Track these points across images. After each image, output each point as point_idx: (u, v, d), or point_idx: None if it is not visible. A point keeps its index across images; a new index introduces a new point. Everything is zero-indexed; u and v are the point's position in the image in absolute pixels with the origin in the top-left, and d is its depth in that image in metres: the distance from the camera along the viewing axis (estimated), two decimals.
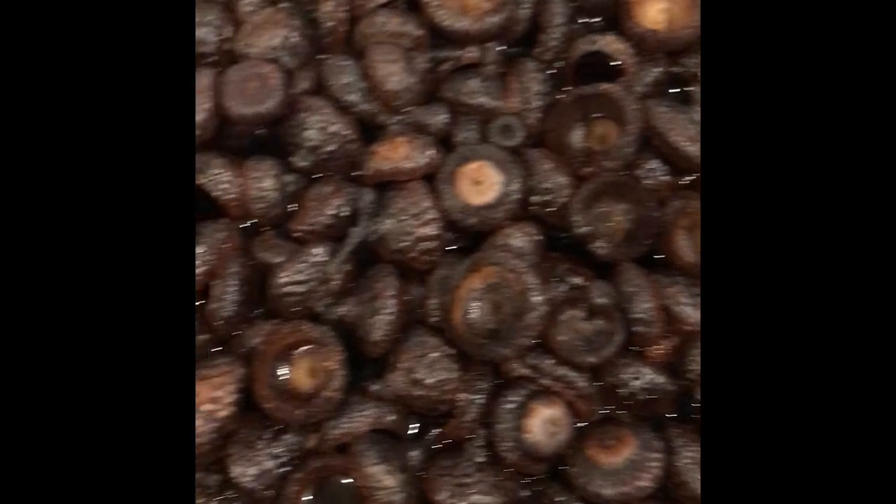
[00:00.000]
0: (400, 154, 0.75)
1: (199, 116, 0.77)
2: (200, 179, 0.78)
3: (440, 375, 0.71)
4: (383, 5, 0.82)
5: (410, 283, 0.76)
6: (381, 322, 0.72)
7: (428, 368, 0.71)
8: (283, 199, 0.79)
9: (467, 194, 0.75)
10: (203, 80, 0.77)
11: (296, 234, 0.79)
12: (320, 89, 0.82)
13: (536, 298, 0.68)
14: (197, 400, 0.68)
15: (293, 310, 0.75)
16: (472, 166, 0.76)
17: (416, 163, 0.76)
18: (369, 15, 0.82)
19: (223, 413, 0.68)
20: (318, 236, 0.78)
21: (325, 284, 0.74)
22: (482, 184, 0.76)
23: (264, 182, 0.77)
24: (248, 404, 0.71)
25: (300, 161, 0.79)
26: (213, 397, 0.68)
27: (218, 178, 0.78)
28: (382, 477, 0.68)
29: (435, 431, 0.73)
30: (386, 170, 0.76)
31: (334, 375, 0.69)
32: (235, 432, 0.71)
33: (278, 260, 0.76)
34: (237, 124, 0.78)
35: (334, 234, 0.78)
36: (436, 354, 0.71)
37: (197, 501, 0.71)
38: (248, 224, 0.80)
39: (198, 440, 0.68)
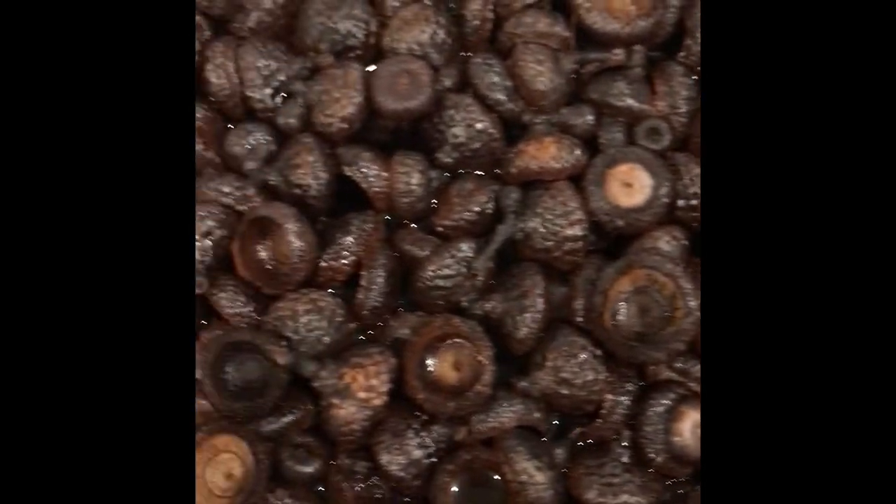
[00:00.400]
0: (548, 153, 0.76)
1: (349, 110, 0.78)
2: (348, 171, 0.80)
3: (588, 376, 0.71)
4: (530, 5, 0.83)
5: (553, 282, 0.77)
6: (529, 319, 0.73)
7: (576, 368, 0.72)
8: (427, 194, 0.80)
9: (617, 196, 0.76)
10: (353, 74, 0.79)
11: (439, 229, 0.80)
12: (465, 87, 0.83)
13: (692, 303, 0.69)
14: (353, 387, 0.70)
15: (438, 303, 0.76)
16: (622, 168, 0.76)
17: (564, 163, 0.76)
18: (516, 14, 0.82)
19: (377, 402, 0.70)
20: (461, 232, 0.79)
21: (470, 280, 0.76)
22: (632, 186, 0.76)
23: (411, 177, 0.79)
24: (395, 394, 0.73)
25: (445, 157, 0.81)
26: (369, 385, 0.70)
27: (366, 170, 0.79)
28: (534, 472, 0.69)
29: (577, 430, 0.74)
30: (533, 168, 0.77)
31: (485, 370, 0.70)
32: (385, 420, 0.72)
33: (423, 253, 0.78)
34: (387, 119, 0.79)
35: (477, 231, 0.79)
36: (584, 355, 0.72)
37: (343, 485, 0.73)
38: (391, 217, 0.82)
39: (350, 426, 0.70)
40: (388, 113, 0.78)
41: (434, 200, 0.82)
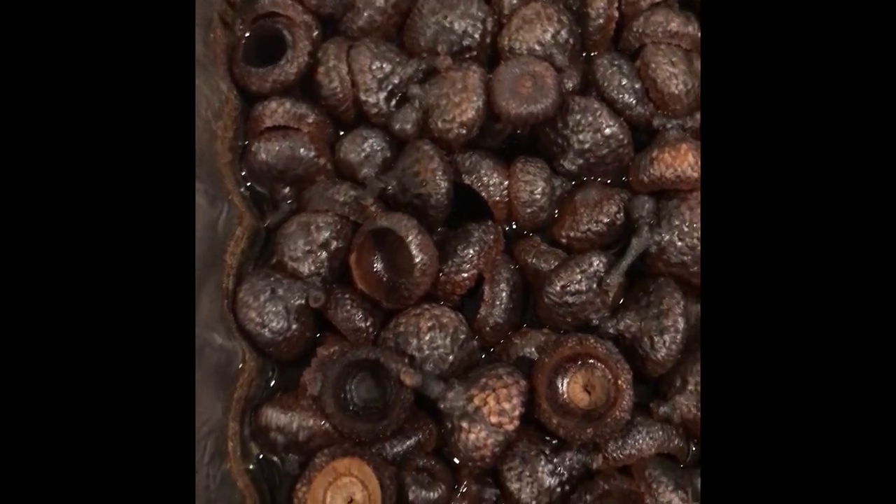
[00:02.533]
0: (686, 162, 0.71)
1: (469, 114, 0.74)
2: (468, 180, 0.76)
3: None
4: (658, 4, 0.78)
5: (689, 300, 0.72)
6: (669, 341, 0.68)
7: None
8: (551, 203, 0.76)
9: None
10: (473, 76, 0.75)
11: (563, 241, 0.76)
12: (587, 89, 0.78)
13: None
14: (483, 410, 0.66)
15: (566, 320, 0.72)
16: None
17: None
18: (644, 13, 0.78)
19: (509, 427, 0.66)
20: (588, 244, 0.74)
21: (601, 296, 0.71)
22: None
23: (535, 185, 0.74)
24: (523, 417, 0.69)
25: (569, 164, 0.76)
26: (501, 409, 0.66)
27: (486, 179, 0.75)
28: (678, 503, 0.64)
29: None
30: (668, 177, 0.72)
31: (623, 395, 0.66)
32: (514, 445, 0.68)
33: (549, 267, 0.74)
34: (509, 123, 0.75)
35: (605, 243, 0.75)
36: None
37: None
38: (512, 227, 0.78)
39: (480, 451, 0.66)
40: (512, 118, 0.74)
41: (556, 210, 0.77)
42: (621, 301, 0.73)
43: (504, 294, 0.73)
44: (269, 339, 0.71)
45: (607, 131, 0.75)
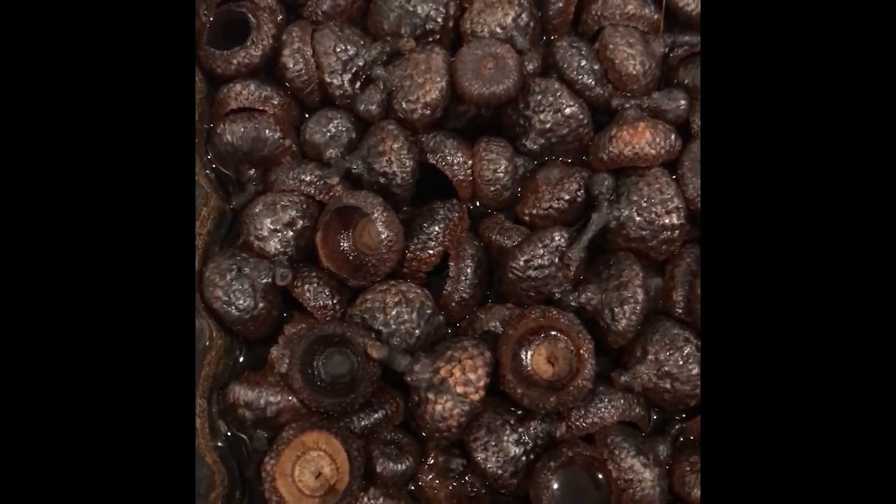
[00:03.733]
0: (644, 139, 0.73)
1: (433, 95, 0.75)
2: (432, 159, 0.77)
3: (693, 370, 0.69)
4: None
5: (648, 273, 0.74)
6: (629, 311, 0.70)
7: (680, 361, 0.69)
8: (514, 182, 0.77)
9: None
10: (436, 58, 0.76)
11: (526, 218, 0.77)
12: (548, 70, 0.80)
13: None
14: (449, 382, 0.67)
15: (529, 294, 0.74)
16: None
17: (660, 149, 0.73)
18: None
19: (475, 396, 0.67)
20: (550, 221, 0.76)
21: (563, 270, 0.73)
22: None
23: (498, 164, 0.76)
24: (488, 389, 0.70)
25: (531, 144, 0.78)
26: (466, 380, 0.67)
27: (451, 158, 0.77)
28: (640, 469, 0.66)
29: (678, 426, 0.72)
30: (627, 155, 0.74)
31: (585, 364, 0.68)
32: (479, 416, 0.70)
33: (512, 243, 0.75)
34: (472, 104, 0.77)
35: (567, 220, 0.77)
36: (689, 348, 0.69)
37: (436, 483, 0.70)
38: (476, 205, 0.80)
39: (447, 422, 0.67)
40: (474, 98, 0.75)
41: (519, 189, 0.79)
42: (582, 276, 0.75)
43: (469, 270, 0.74)
44: (237, 317, 0.72)
45: (567, 111, 0.76)
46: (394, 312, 0.71)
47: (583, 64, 0.78)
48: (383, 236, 0.71)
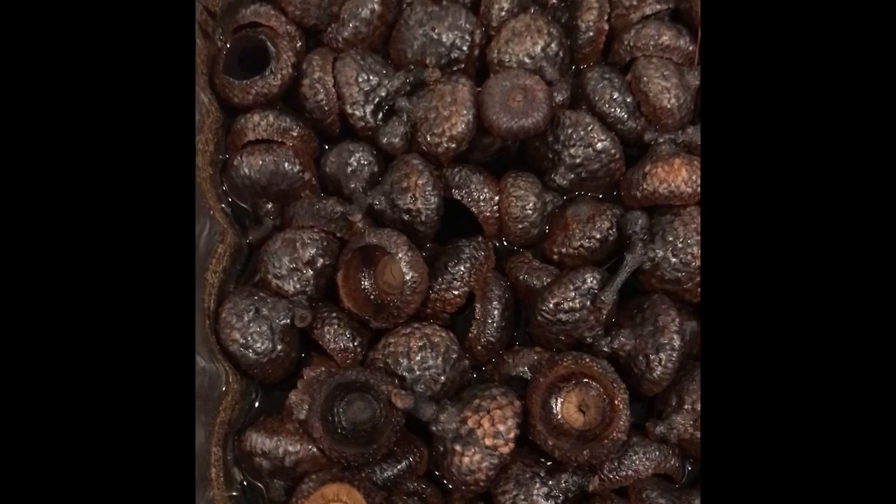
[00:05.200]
0: (679, 177, 0.70)
1: (459, 129, 0.72)
2: (458, 195, 0.74)
3: None
4: (649, 16, 0.77)
5: (683, 317, 0.71)
6: (665, 359, 0.67)
7: None
8: (542, 219, 0.74)
9: None
10: (462, 90, 0.73)
11: (554, 256, 0.74)
12: (578, 101, 0.77)
13: None
14: (478, 433, 0.64)
15: (559, 338, 0.71)
16: None
17: (696, 187, 0.70)
18: (635, 26, 0.77)
19: (504, 449, 0.64)
20: (580, 260, 0.73)
21: (594, 313, 0.70)
22: None
23: (526, 201, 0.73)
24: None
25: (560, 179, 0.75)
26: (496, 431, 0.64)
27: (477, 194, 0.74)
28: None
29: None
30: (662, 193, 0.71)
31: (620, 415, 0.64)
32: (508, 467, 0.66)
33: (541, 284, 0.72)
34: (499, 137, 0.74)
35: (597, 259, 0.74)
36: None
37: None
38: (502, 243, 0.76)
39: (475, 475, 0.64)
40: (502, 132, 0.72)
41: (547, 225, 0.76)
42: (614, 318, 0.72)
43: (496, 312, 0.71)
44: (254, 360, 0.68)
45: (599, 146, 0.73)
46: (418, 358, 0.68)
47: (615, 96, 0.75)
48: (408, 277, 0.68)
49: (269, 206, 0.76)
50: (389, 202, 0.72)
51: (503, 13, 0.78)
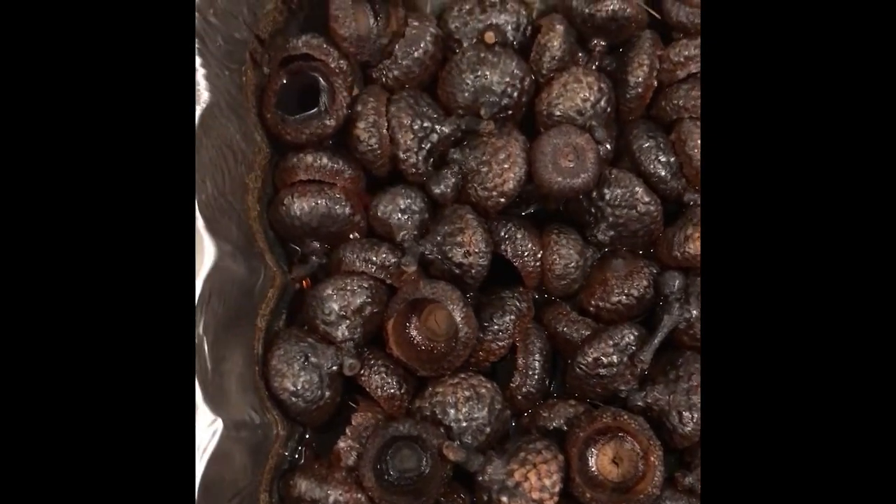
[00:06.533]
0: None
1: (510, 185, 0.74)
2: (503, 248, 0.75)
3: None
4: (695, 74, 0.79)
5: None
6: (697, 416, 0.71)
7: None
8: (583, 273, 0.77)
9: None
10: (515, 146, 0.74)
11: (591, 309, 0.77)
12: (620, 155, 0.79)
13: None
14: (524, 486, 0.67)
15: (595, 390, 0.74)
16: None
17: None
18: (681, 84, 0.79)
19: (550, 503, 0.67)
20: (616, 315, 0.76)
21: (631, 368, 0.73)
22: None
23: (569, 258, 0.75)
24: None
25: (602, 235, 0.77)
26: (542, 485, 0.67)
27: (521, 249, 0.75)
28: None
29: None
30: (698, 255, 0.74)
31: (654, 470, 0.69)
32: None
33: (580, 337, 0.75)
34: (548, 194, 0.75)
35: (633, 314, 0.77)
36: None
37: None
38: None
39: None
40: (554, 191, 0.74)
41: (585, 277, 0.79)
42: (647, 372, 0.75)
43: (538, 364, 0.74)
44: (303, 408, 0.69)
45: (642, 208, 0.76)
46: (465, 409, 0.70)
47: (660, 157, 0.77)
48: (462, 334, 0.69)
49: (316, 245, 0.75)
50: (441, 252, 0.73)
51: (554, 61, 0.79)
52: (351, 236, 0.75)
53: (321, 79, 0.74)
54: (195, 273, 0.57)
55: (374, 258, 0.73)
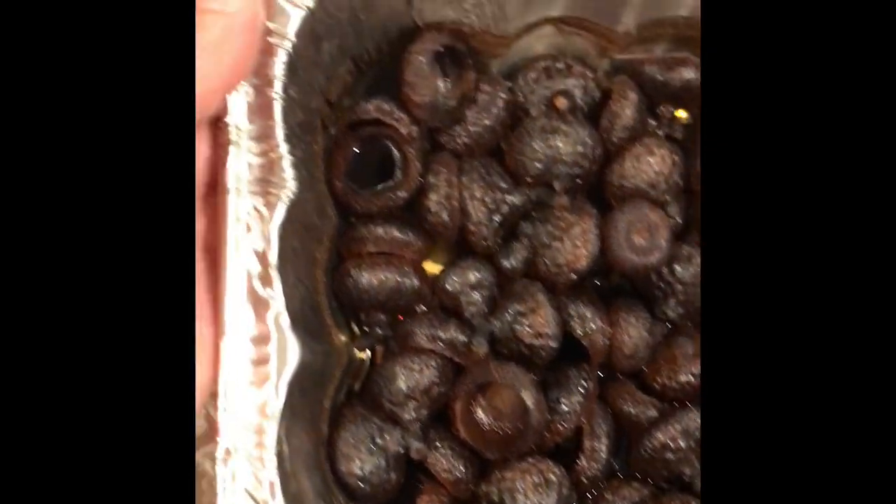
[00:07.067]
0: None
1: (582, 263, 0.72)
2: (572, 325, 0.74)
3: None
4: None
5: None
6: None
7: None
8: (651, 351, 0.75)
9: None
10: (588, 222, 0.72)
11: (656, 386, 0.76)
12: (689, 228, 0.77)
13: None
14: None
15: (661, 472, 0.73)
16: None
17: None
18: None
19: None
20: (681, 394, 0.75)
21: (696, 451, 0.72)
22: None
23: (640, 339, 0.74)
24: None
25: (671, 312, 0.76)
26: None
27: (590, 328, 0.73)
28: None
29: None
30: None
31: None
32: None
33: (646, 417, 0.74)
34: (626, 273, 0.74)
35: (699, 395, 0.76)
36: None
37: None
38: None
39: None
40: (627, 269, 0.73)
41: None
42: None
43: (604, 447, 0.72)
44: (368, 493, 0.68)
45: None
46: (534, 497, 0.69)
47: None
48: (534, 420, 0.68)
49: (381, 317, 0.73)
50: (510, 331, 0.71)
51: (626, 130, 0.76)
52: (417, 309, 0.73)
53: (394, 148, 0.71)
54: (278, 376, 0.55)
55: (443, 335, 0.71)
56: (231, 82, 0.56)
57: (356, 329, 0.75)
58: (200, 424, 0.75)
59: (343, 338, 0.71)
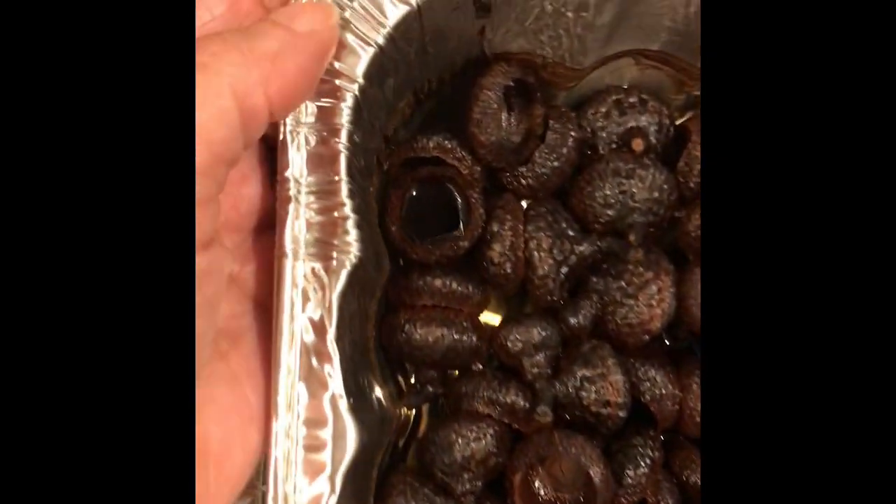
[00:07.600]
0: None
1: (657, 323, 0.66)
2: (641, 390, 0.68)
3: None
4: None
5: None
6: None
7: None
8: None
9: None
10: (666, 279, 0.66)
11: None
12: None
13: None
14: None
15: None
16: None
17: None
18: None
19: None
20: None
21: None
22: None
23: None
24: None
25: None
26: None
27: (659, 393, 0.68)
28: None
29: None
30: None
31: None
32: None
33: None
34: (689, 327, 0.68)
35: None
36: None
37: None
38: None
39: None
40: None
41: None
42: None
43: None
44: None
45: None
46: None
47: None
48: (600, 499, 0.62)
49: (433, 374, 0.67)
50: (575, 397, 0.65)
51: (693, 182, 0.70)
52: (474, 367, 0.67)
53: (458, 197, 0.64)
54: (334, 468, 0.49)
55: (503, 399, 0.65)
56: (281, 104, 0.49)
57: (402, 383, 0.70)
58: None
59: (391, 395, 0.64)
